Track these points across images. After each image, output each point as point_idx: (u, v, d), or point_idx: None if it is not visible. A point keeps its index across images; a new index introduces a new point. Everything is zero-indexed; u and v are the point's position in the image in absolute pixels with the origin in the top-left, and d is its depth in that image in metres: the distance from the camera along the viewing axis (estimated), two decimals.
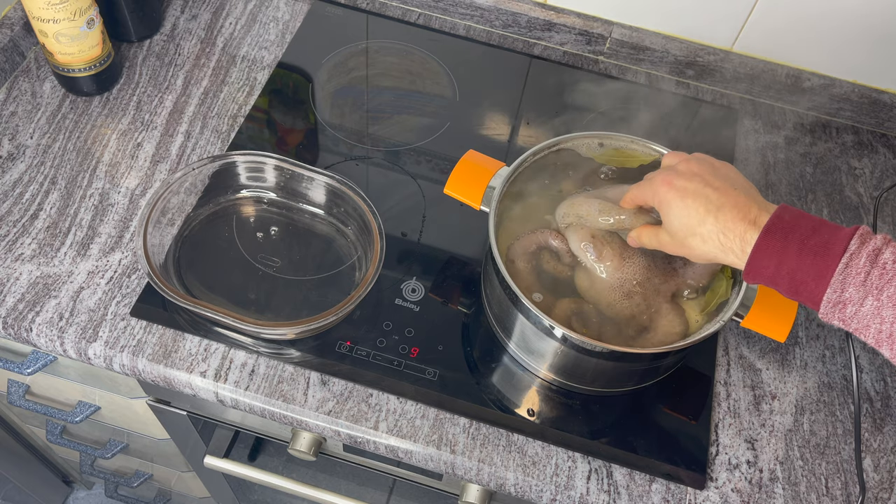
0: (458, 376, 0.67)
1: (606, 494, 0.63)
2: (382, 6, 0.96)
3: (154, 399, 0.81)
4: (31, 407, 0.89)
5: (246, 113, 0.83)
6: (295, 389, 0.65)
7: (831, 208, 0.83)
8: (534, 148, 0.68)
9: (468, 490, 0.73)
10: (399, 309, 0.70)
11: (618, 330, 0.62)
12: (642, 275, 0.63)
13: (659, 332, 0.62)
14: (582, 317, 0.63)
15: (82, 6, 0.74)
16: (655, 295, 0.63)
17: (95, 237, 0.72)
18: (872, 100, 0.89)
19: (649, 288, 0.63)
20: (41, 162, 0.77)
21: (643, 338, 0.62)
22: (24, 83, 0.83)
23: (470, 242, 0.76)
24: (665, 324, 0.62)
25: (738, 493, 0.64)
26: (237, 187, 0.75)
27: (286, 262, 0.72)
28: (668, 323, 0.62)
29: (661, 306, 0.63)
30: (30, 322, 0.66)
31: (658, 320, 0.62)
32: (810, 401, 0.70)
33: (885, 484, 0.66)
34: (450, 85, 0.89)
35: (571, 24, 0.92)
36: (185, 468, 1.05)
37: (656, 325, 0.62)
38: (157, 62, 0.86)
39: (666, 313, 0.63)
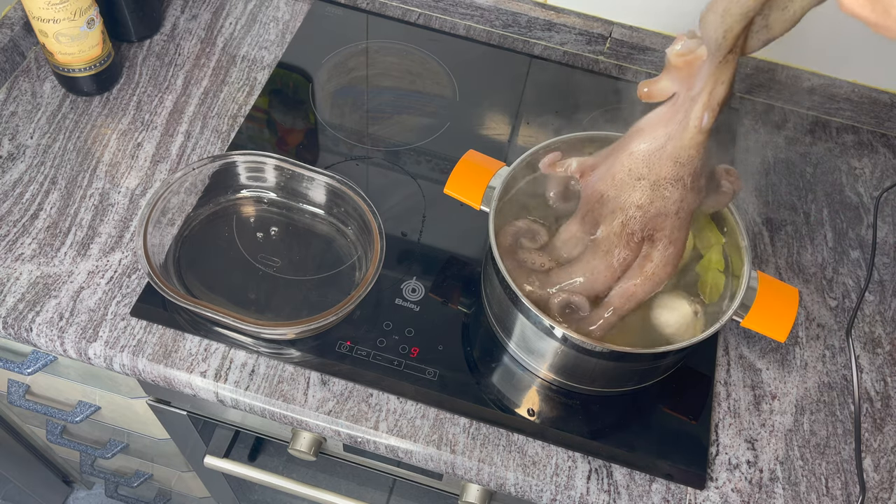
0: (458, 376, 0.67)
1: (606, 494, 0.63)
2: (382, 6, 0.96)
3: (154, 399, 0.81)
4: (31, 407, 0.89)
5: (246, 113, 0.83)
6: (295, 389, 0.65)
7: (831, 208, 0.83)
8: (534, 148, 0.68)
9: (468, 490, 0.73)
10: (399, 309, 0.70)
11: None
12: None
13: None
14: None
15: (82, 6, 0.74)
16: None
17: (95, 237, 0.72)
18: (872, 100, 0.89)
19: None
20: (41, 162, 0.77)
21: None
22: (24, 83, 0.83)
23: (470, 242, 0.76)
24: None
25: (738, 493, 0.64)
26: (237, 187, 0.75)
27: (286, 262, 0.72)
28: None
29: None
30: (30, 322, 0.66)
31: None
32: (810, 401, 0.70)
33: (885, 484, 0.66)
34: (450, 85, 0.89)
35: (571, 24, 0.92)
36: (185, 468, 1.05)
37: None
38: (157, 62, 0.86)
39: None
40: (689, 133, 0.55)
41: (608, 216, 0.61)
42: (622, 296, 0.61)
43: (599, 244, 0.62)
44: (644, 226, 0.59)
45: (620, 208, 0.60)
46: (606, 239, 0.61)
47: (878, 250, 0.80)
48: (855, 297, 0.77)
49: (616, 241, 0.61)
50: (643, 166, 0.58)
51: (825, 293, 0.77)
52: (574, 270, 0.63)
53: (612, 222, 0.60)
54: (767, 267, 0.78)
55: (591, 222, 0.62)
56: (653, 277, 0.61)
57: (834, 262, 0.79)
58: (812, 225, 0.82)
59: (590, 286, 0.62)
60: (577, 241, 0.64)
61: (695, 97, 0.55)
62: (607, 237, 0.61)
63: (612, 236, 0.61)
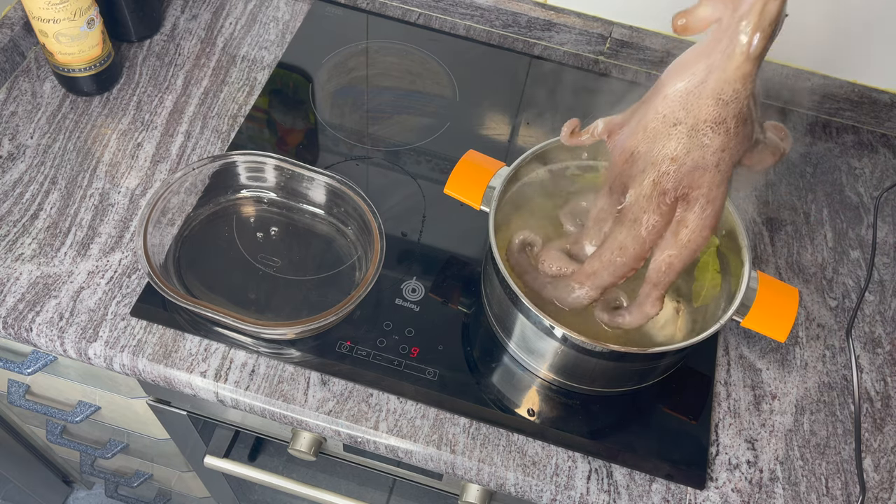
0: (458, 376, 0.67)
1: (606, 494, 0.63)
2: (382, 6, 0.96)
3: (154, 399, 0.81)
4: (31, 407, 0.89)
5: (246, 113, 0.83)
6: (295, 389, 0.65)
7: (831, 208, 0.83)
8: (534, 148, 0.68)
9: (468, 490, 0.73)
10: (399, 309, 0.70)
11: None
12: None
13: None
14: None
15: (82, 6, 0.74)
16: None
17: (95, 237, 0.72)
18: (872, 100, 0.89)
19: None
20: (41, 162, 0.77)
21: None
22: (24, 83, 0.83)
23: (470, 242, 0.76)
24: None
25: (739, 493, 0.64)
26: (237, 187, 0.75)
27: (286, 262, 0.72)
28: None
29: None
30: (30, 322, 0.66)
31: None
32: (810, 401, 0.70)
33: (885, 484, 0.66)
34: (450, 85, 0.89)
35: (571, 24, 0.92)
36: (185, 468, 1.05)
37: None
38: (157, 62, 0.86)
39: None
40: (734, 62, 0.48)
41: (638, 176, 0.53)
42: (658, 270, 0.56)
43: (626, 213, 0.55)
44: (678, 182, 0.52)
45: (652, 163, 0.52)
46: (635, 204, 0.54)
47: (878, 250, 0.80)
48: (855, 297, 0.77)
49: (645, 206, 0.54)
50: (679, 109, 0.50)
51: (825, 293, 0.77)
52: (599, 255, 0.58)
53: (643, 182, 0.53)
54: (767, 267, 0.78)
55: (620, 189, 0.55)
56: (689, 245, 0.54)
57: (834, 262, 0.79)
58: (812, 225, 0.82)
59: (620, 267, 0.57)
60: (607, 217, 0.58)
61: (742, 16, 0.47)
62: (636, 202, 0.54)
63: (642, 200, 0.54)
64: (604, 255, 0.57)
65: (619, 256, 0.57)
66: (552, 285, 0.63)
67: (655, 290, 0.57)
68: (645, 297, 0.58)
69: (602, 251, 0.58)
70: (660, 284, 0.56)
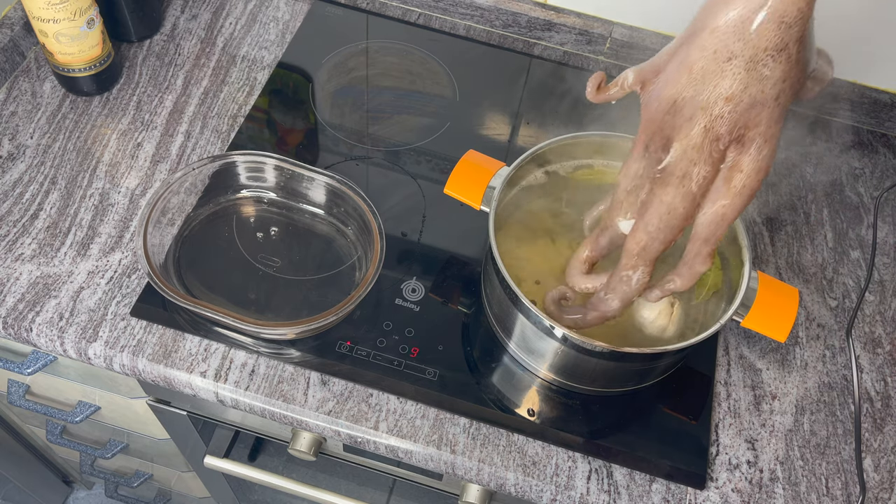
0: (458, 376, 0.67)
1: (606, 494, 0.63)
2: (382, 6, 0.96)
3: (154, 399, 0.81)
4: (31, 407, 0.89)
5: (246, 113, 0.83)
6: (295, 389, 0.65)
7: (831, 208, 0.83)
8: (534, 148, 0.68)
9: (468, 490, 0.73)
10: (399, 309, 0.70)
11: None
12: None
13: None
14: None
15: (82, 6, 0.74)
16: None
17: (95, 237, 0.72)
18: (872, 100, 0.89)
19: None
20: (41, 162, 0.77)
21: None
22: (24, 83, 0.83)
23: (470, 242, 0.76)
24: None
25: (739, 493, 0.64)
26: (237, 187, 0.75)
27: (286, 262, 0.72)
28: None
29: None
30: (30, 322, 0.66)
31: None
32: (810, 401, 0.70)
33: (885, 484, 0.66)
34: (450, 85, 0.89)
35: (571, 24, 0.92)
36: (185, 468, 1.05)
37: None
38: (157, 62, 0.86)
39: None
40: None
41: (684, 126, 0.48)
42: (710, 224, 0.51)
43: (672, 170, 0.50)
44: (734, 124, 0.47)
45: (703, 108, 0.47)
46: (682, 158, 0.49)
47: (878, 250, 0.80)
48: (855, 297, 0.77)
49: (696, 157, 0.48)
50: (734, 40, 0.45)
51: (825, 293, 0.77)
52: (644, 226, 0.52)
53: (691, 131, 0.48)
54: (767, 267, 0.78)
55: (660, 145, 0.50)
56: (744, 191, 0.49)
57: (834, 262, 0.79)
58: (812, 225, 0.82)
59: (670, 231, 0.52)
60: (643, 182, 0.52)
61: None
62: (683, 155, 0.49)
63: (691, 151, 0.48)
64: (650, 225, 0.52)
65: (670, 220, 0.51)
66: (596, 302, 0.59)
67: (706, 245, 0.52)
68: (694, 255, 0.53)
69: (646, 220, 0.52)
70: (711, 239, 0.52)
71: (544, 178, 0.71)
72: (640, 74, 0.51)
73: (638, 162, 0.52)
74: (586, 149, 0.70)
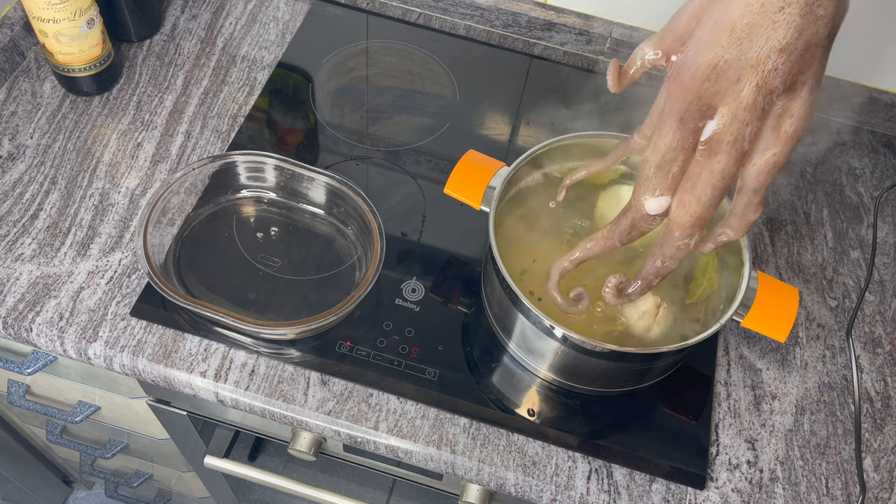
0: (458, 376, 0.67)
1: (606, 494, 0.63)
2: (382, 6, 0.96)
3: (154, 399, 0.81)
4: (31, 407, 0.89)
5: (246, 113, 0.83)
6: (295, 389, 0.65)
7: (831, 208, 0.83)
8: (534, 148, 0.68)
9: (468, 490, 0.73)
10: (399, 309, 0.70)
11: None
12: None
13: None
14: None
15: (82, 6, 0.74)
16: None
17: (95, 237, 0.72)
18: (872, 100, 0.89)
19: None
20: (41, 162, 0.77)
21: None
22: (24, 83, 0.83)
23: (470, 242, 0.76)
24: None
25: (739, 493, 0.64)
26: (237, 187, 0.75)
27: (286, 262, 0.72)
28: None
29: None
30: (30, 322, 0.66)
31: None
32: (810, 401, 0.70)
33: (885, 484, 0.66)
34: (450, 85, 0.89)
35: (571, 24, 0.92)
36: (185, 468, 1.05)
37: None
38: (157, 62, 0.86)
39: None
40: None
41: (730, 89, 0.45)
42: (761, 174, 0.49)
43: (721, 137, 0.47)
44: (788, 73, 0.44)
45: (752, 66, 0.44)
46: (733, 122, 0.46)
47: (878, 250, 0.80)
48: (855, 297, 0.77)
49: (748, 118, 0.46)
50: None
51: (825, 293, 0.77)
52: (696, 198, 0.50)
53: (740, 93, 0.45)
54: (767, 267, 0.78)
55: (698, 114, 0.47)
56: (794, 135, 0.47)
57: (834, 262, 0.79)
58: (812, 225, 0.82)
59: (721, 194, 0.49)
60: (677, 156, 0.49)
61: None
62: (734, 119, 0.46)
63: (742, 113, 0.46)
64: (704, 195, 0.50)
65: (724, 185, 0.49)
66: (654, 271, 0.56)
67: (757, 195, 0.50)
68: (745, 206, 0.51)
69: (698, 193, 0.50)
70: (761, 188, 0.50)
71: (544, 178, 0.71)
72: (660, 45, 0.49)
73: (669, 136, 0.49)
74: (586, 149, 0.70)
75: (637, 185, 0.53)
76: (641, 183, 0.52)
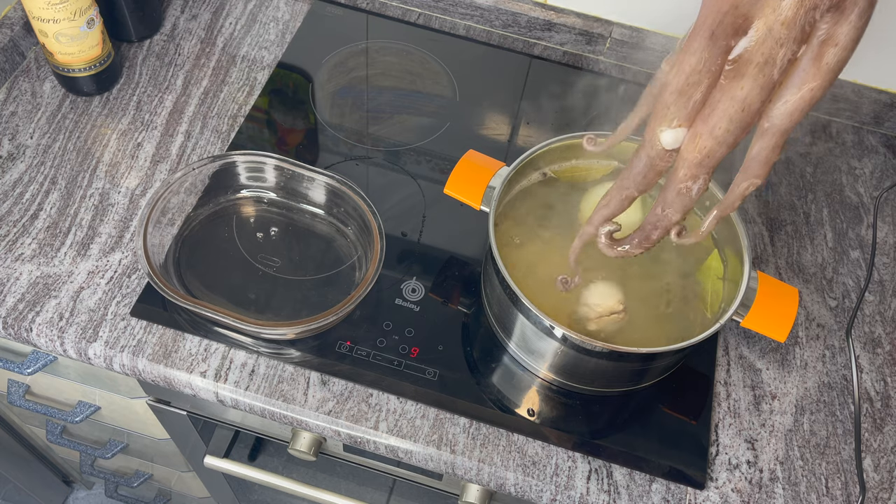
0: (458, 376, 0.67)
1: (606, 494, 0.63)
2: (382, 6, 0.96)
3: (154, 399, 0.81)
4: (31, 407, 0.89)
5: (246, 113, 0.83)
6: (295, 389, 0.65)
7: (831, 208, 0.83)
8: (534, 148, 0.68)
9: (468, 490, 0.73)
10: (399, 309, 0.70)
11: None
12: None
13: None
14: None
15: (82, 6, 0.74)
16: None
17: (95, 237, 0.72)
18: (872, 100, 0.89)
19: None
20: (41, 162, 0.77)
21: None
22: (24, 83, 0.83)
23: (470, 242, 0.76)
24: None
25: (739, 493, 0.64)
26: (237, 187, 0.75)
27: (286, 262, 0.72)
28: None
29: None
30: (30, 322, 0.66)
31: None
32: (810, 401, 0.70)
33: (885, 484, 0.66)
34: (450, 85, 0.89)
35: (571, 24, 0.92)
36: (185, 468, 1.05)
37: None
38: (157, 62, 0.86)
39: None
40: None
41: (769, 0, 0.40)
42: (792, 113, 0.43)
43: (751, 57, 0.42)
44: None
45: None
46: (767, 39, 0.41)
47: (878, 250, 0.80)
48: (855, 297, 0.77)
49: (784, 35, 0.40)
50: None
51: (825, 293, 0.77)
52: (710, 130, 0.45)
53: (781, 3, 0.40)
54: (767, 267, 0.78)
55: (731, 29, 0.42)
56: (836, 67, 0.41)
57: (834, 262, 0.79)
58: (812, 225, 0.82)
59: (740, 130, 0.45)
60: (700, 79, 0.44)
61: None
62: (768, 35, 0.41)
63: (779, 28, 0.41)
64: (718, 128, 0.45)
65: (743, 118, 0.44)
66: (654, 221, 0.52)
67: (783, 137, 0.45)
68: (771, 149, 0.46)
69: (713, 123, 0.45)
70: (789, 130, 0.44)
71: (544, 178, 0.71)
72: None
73: (696, 55, 0.43)
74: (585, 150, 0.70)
75: (653, 115, 0.47)
76: (658, 112, 0.47)
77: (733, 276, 0.64)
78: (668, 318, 0.65)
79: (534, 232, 0.69)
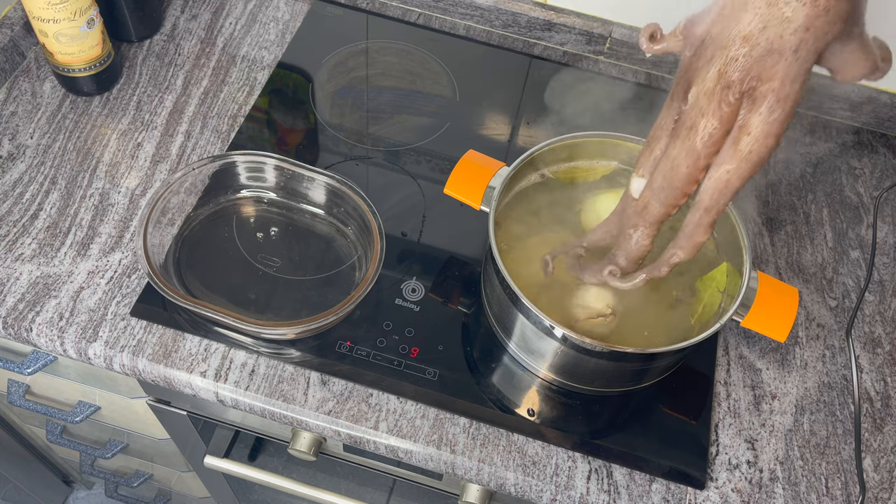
0: (458, 376, 0.67)
1: (606, 494, 0.63)
2: (382, 6, 0.96)
3: (154, 399, 0.81)
4: (31, 407, 0.89)
5: (246, 113, 0.83)
6: (295, 389, 0.65)
7: (831, 208, 0.83)
8: (534, 148, 0.68)
9: (468, 490, 0.73)
10: (399, 309, 0.70)
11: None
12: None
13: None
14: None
15: (82, 6, 0.74)
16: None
17: (95, 237, 0.72)
18: (872, 100, 0.89)
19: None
20: (41, 162, 0.77)
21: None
22: (24, 83, 0.83)
23: (470, 242, 0.76)
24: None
25: (738, 493, 0.64)
26: (237, 187, 0.75)
27: (286, 262, 0.72)
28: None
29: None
30: (30, 322, 0.66)
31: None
32: (810, 401, 0.70)
33: (885, 484, 0.66)
34: (450, 85, 0.89)
35: (571, 24, 0.92)
36: (185, 468, 1.05)
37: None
38: (157, 62, 0.86)
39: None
40: None
41: (703, 68, 0.43)
42: (713, 191, 0.46)
43: (684, 120, 0.45)
44: (746, 72, 0.42)
45: (722, 46, 0.42)
46: (694, 106, 0.44)
47: (878, 250, 0.80)
48: (855, 297, 0.77)
49: (705, 105, 0.43)
50: None
51: (825, 293, 0.77)
52: (650, 183, 0.48)
53: (707, 74, 0.43)
54: (767, 267, 0.78)
55: (683, 91, 0.45)
56: (750, 157, 0.44)
57: (834, 262, 0.79)
58: (812, 225, 0.82)
59: (671, 192, 0.47)
60: (662, 134, 0.48)
61: None
62: (696, 103, 0.44)
63: (702, 98, 0.44)
64: (655, 181, 0.48)
65: (672, 178, 0.47)
66: (611, 257, 0.55)
67: (707, 215, 0.47)
68: (695, 225, 0.48)
69: (653, 178, 0.48)
70: (713, 209, 0.47)
71: (544, 178, 0.71)
72: (690, 18, 0.46)
73: (663, 112, 0.47)
74: (587, 149, 0.70)
75: (641, 157, 0.51)
76: (637, 163, 0.51)
77: (733, 290, 0.64)
78: (668, 319, 0.65)
79: (534, 232, 0.69)
